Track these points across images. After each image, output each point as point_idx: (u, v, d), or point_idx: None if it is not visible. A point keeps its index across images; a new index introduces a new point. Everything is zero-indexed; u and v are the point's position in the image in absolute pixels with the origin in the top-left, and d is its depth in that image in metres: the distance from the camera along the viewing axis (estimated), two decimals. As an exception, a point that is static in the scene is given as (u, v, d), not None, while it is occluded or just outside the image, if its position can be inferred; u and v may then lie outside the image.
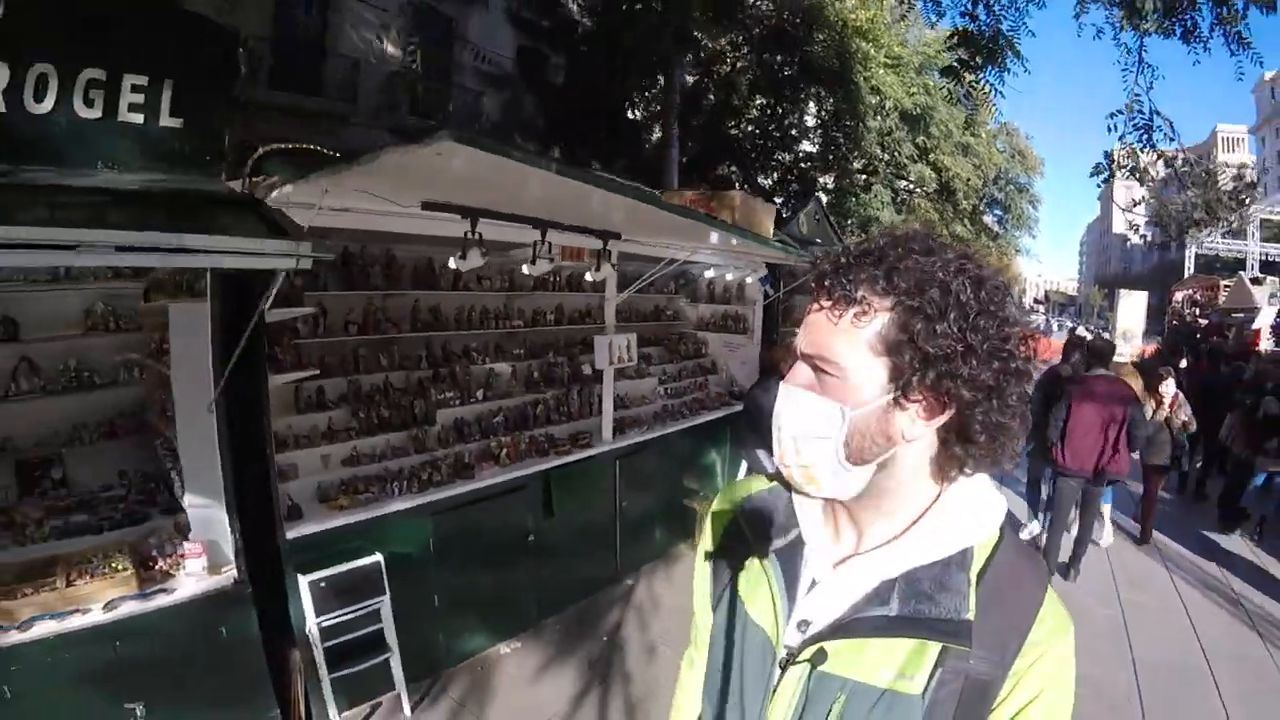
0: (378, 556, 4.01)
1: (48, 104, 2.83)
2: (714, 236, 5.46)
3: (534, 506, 5.18)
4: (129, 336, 4.65)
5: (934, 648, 0.96)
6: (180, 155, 3.17)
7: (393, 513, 4.30)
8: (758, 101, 16.40)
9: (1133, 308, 24.45)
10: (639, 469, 6.09)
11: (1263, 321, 16.72)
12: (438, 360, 5.51)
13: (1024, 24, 5.94)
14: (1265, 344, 15.10)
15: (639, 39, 12.67)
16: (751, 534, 1.14)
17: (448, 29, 16.99)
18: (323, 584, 3.78)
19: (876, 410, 0.95)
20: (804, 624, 1.05)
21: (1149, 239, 40.92)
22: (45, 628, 3.10)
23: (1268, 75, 57.26)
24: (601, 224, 4.94)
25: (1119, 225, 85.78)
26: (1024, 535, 7.28)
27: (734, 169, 16.56)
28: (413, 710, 4.15)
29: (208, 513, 3.58)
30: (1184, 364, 12.21)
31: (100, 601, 3.25)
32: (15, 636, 3.02)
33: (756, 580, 1.12)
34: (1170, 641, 5.22)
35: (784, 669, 1.04)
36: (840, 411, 0.95)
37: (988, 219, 25.42)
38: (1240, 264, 26.50)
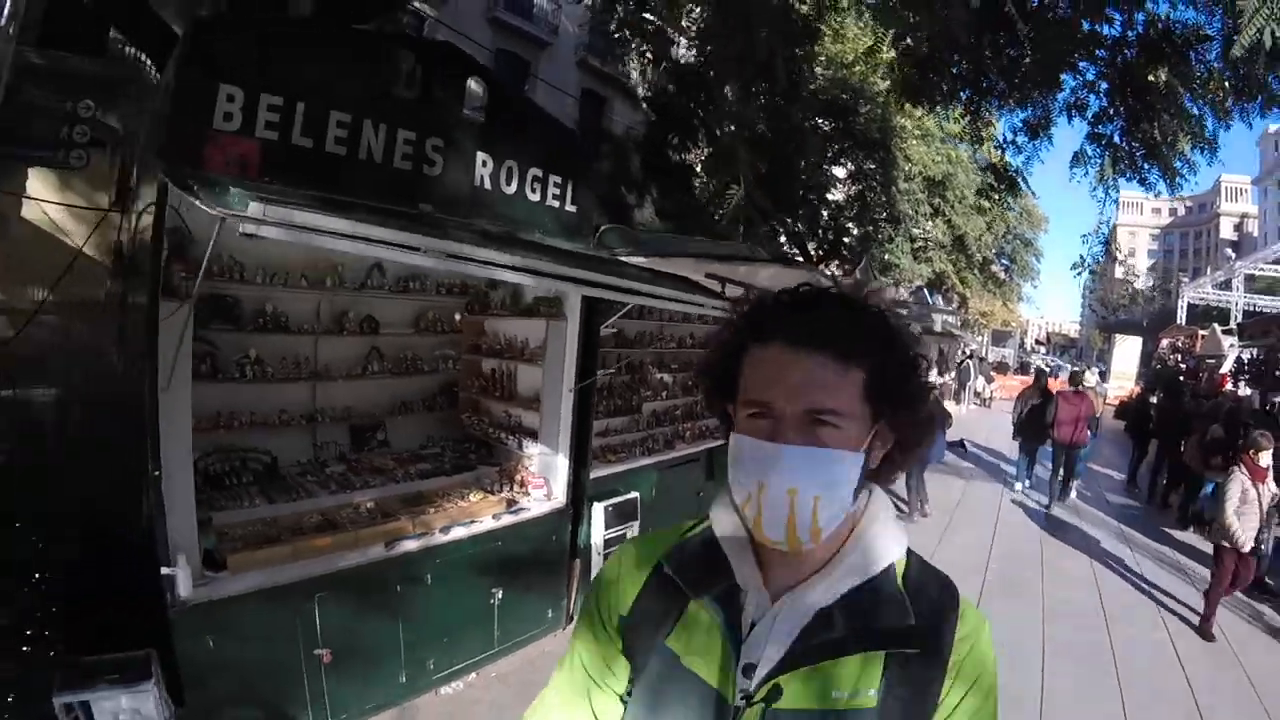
0: (635, 494, 5.55)
1: (513, 188, 4.37)
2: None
3: (701, 471, 6.74)
4: (445, 337, 5.63)
5: (880, 658, 0.97)
6: (575, 228, 4.72)
7: (638, 467, 5.86)
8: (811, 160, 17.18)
9: (1128, 352, 26.61)
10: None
11: (1226, 367, 18.46)
12: (634, 369, 6.78)
13: (1038, 158, 7.26)
14: (1229, 385, 16.50)
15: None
16: (687, 585, 1.05)
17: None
18: (609, 508, 5.28)
19: (866, 450, 0.97)
20: (749, 668, 0.99)
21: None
22: (458, 532, 4.32)
23: (1271, 128, 56.36)
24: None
25: (1118, 272, 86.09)
26: (1016, 490, 11.12)
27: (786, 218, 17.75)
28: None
29: (549, 458, 5.07)
30: (1154, 400, 14.23)
31: (488, 514, 4.57)
32: (438, 538, 4.20)
33: (694, 631, 1.03)
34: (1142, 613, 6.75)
35: (738, 715, 0.99)
36: (860, 458, 0.97)
37: (995, 269, 26.90)
38: (1226, 314, 27.45)
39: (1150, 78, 4.97)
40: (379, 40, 4.16)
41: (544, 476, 5.03)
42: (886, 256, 18.88)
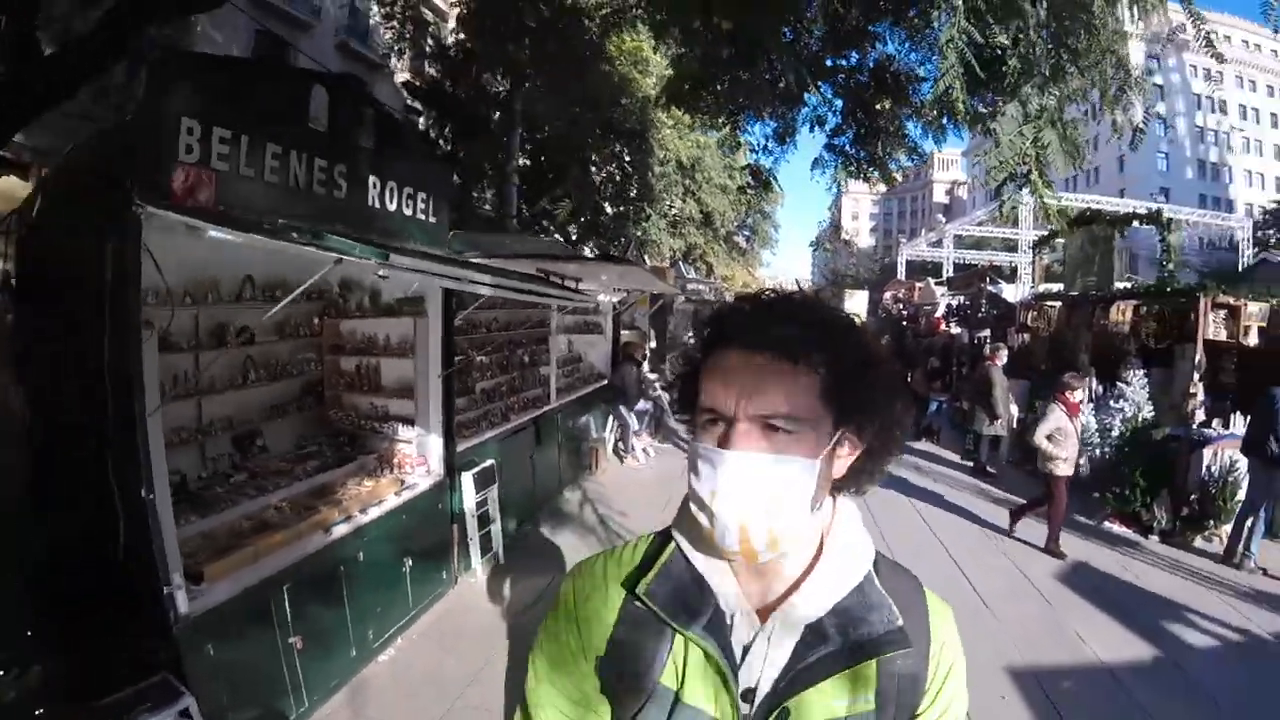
0: (491, 461, 5.94)
1: (393, 205, 4.56)
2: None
3: (531, 438, 7.24)
4: (305, 341, 5.53)
5: (874, 662, 0.94)
6: (436, 236, 4.96)
7: (484, 440, 6.22)
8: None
9: (856, 304, 28.26)
10: (564, 418, 8.32)
11: (940, 312, 21.09)
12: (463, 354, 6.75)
13: (785, 159, 8.57)
14: (944, 328, 18.61)
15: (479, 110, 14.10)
16: (674, 620, 0.94)
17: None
18: (475, 476, 5.62)
19: (826, 456, 0.92)
20: (748, 693, 0.93)
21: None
22: (372, 513, 4.55)
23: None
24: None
25: (848, 225, 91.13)
26: None
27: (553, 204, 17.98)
28: (503, 558, 6.03)
29: (425, 438, 5.31)
30: (884, 340, 16.77)
31: (389, 494, 4.82)
32: (359, 519, 4.41)
33: (688, 665, 0.95)
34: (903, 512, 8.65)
35: None
36: (814, 466, 0.90)
37: (738, 239, 29.09)
38: (939, 267, 29.58)
39: (877, 105, 6.33)
40: (298, 76, 4.12)
41: (423, 455, 5.29)
42: (641, 234, 19.83)
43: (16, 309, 3.98)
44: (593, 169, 17.41)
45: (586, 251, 14.93)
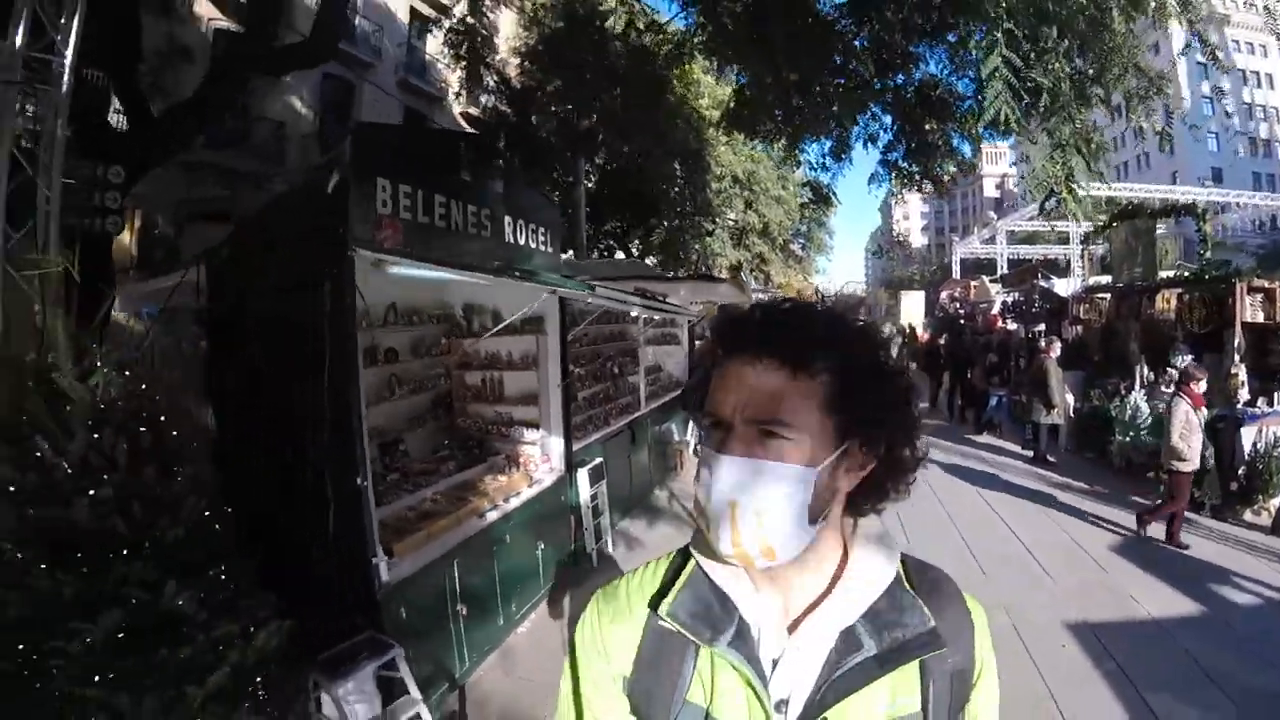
0: (600, 459, 6.48)
1: (523, 240, 5.16)
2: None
3: (627, 440, 7.76)
4: (435, 360, 6.14)
5: (914, 664, 0.91)
6: (554, 264, 5.55)
7: (591, 441, 6.76)
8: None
9: (913, 305, 28.74)
10: (651, 422, 8.78)
11: (995, 309, 20.89)
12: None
13: (841, 174, 9.03)
14: (1000, 324, 18.82)
15: (547, 140, 14.74)
16: (699, 637, 0.91)
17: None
18: (589, 472, 6.16)
19: (829, 467, 0.88)
20: (782, 704, 0.90)
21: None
22: (512, 503, 5.11)
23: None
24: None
25: (899, 227, 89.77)
26: None
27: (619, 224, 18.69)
28: (612, 547, 6.55)
29: (549, 439, 5.88)
30: (944, 339, 16.74)
31: (516, 491, 5.36)
32: (492, 515, 4.86)
33: (716, 680, 0.92)
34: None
35: None
36: (809, 473, 0.86)
37: (794, 247, 29.19)
38: (994, 264, 29.24)
39: (925, 125, 6.76)
40: (448, 136, 4.77)
41: (547, 453, 5.85)
42: (702, 248, 20.20)
43: (211, 339, 4.67)
44: (652, 187, 17.76)
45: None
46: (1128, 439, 9.22)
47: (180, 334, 4.83)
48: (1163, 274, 13.14)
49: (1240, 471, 7.47)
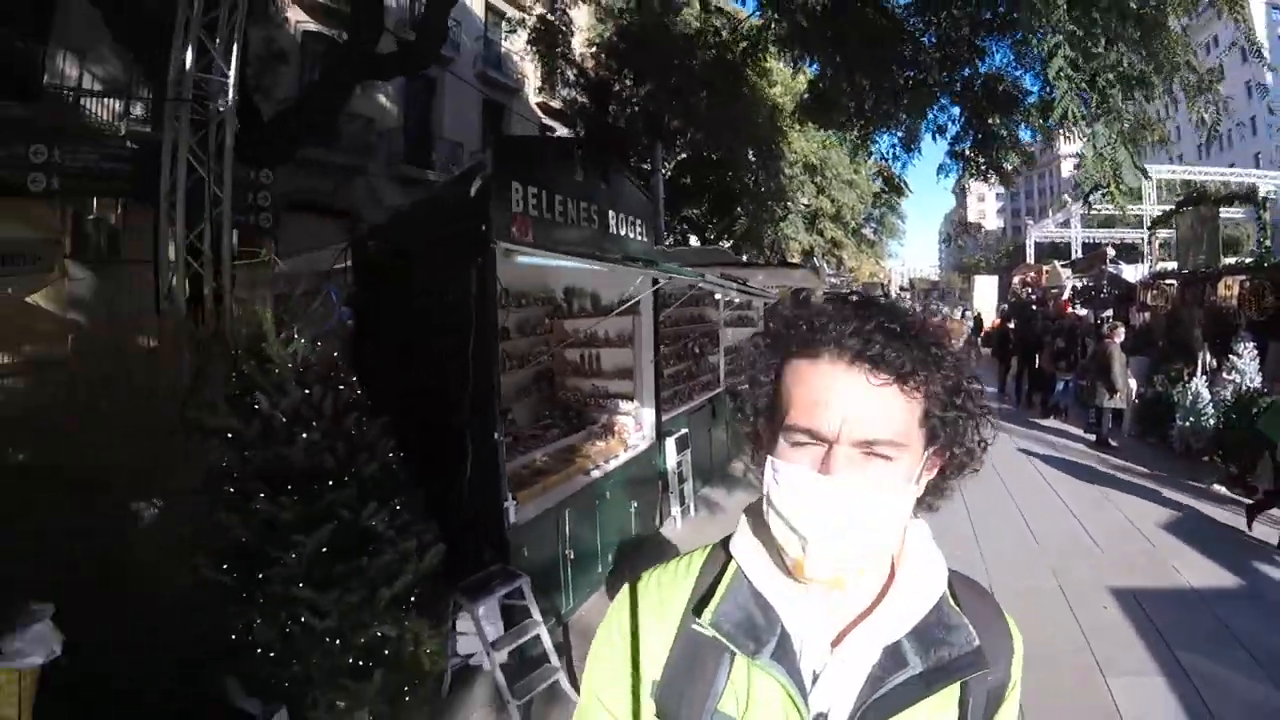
0: (685, 429, 6.95)
1: (623, 230, 5.65)
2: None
3: (708, 414, 8.21)
4: (538, 338, 6.53)
5: (957, 684, 0.86)
6: (648, 251, 6.01)
7: (677, 414, 7.24)
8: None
9: (985, 289, 28.10)
10: (725, 402, 9.21)
11: (1066, 294, 20.53)
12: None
13: (911, 164, 9.21)
14: (1070, 309, 18.25)
15: (626, 131, 14.98)
16: (741, 648, 0.85)
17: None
18: (676, 440, 6.64)
19: (916, 481, 0.84)
20: (821, 717, 0.84)
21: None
22: (611, 465, 5.65)
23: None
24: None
25: (973, 216, 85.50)
26: None
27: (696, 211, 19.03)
28: (694, 511, 7.05)
29: (641, 410, 6.38)
30: (1013, 324, 16.49)
31: (617, 452, 5.90)
32: (596, 473, 5.43)
33: (752, 692, 0.85)
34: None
35: None
36: (909, 492, 0.83)
37: (866, 231, 28.84)
38: (1068, 247, 28.51)
39: (989, 119, 6.93)
40: (561, 143, 5.28)
41: (639, 423, 6.36)
42: (775, 233, 20.32)
43: (358, 318, 5.29)
44: (729, 175, 17.96)
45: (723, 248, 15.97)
46: (1189, 424, 9.15)
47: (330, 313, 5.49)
48: (1226, 260, 12.80)
49: None
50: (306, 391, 3.04)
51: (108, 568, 3.23)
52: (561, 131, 21.25)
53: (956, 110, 7.30)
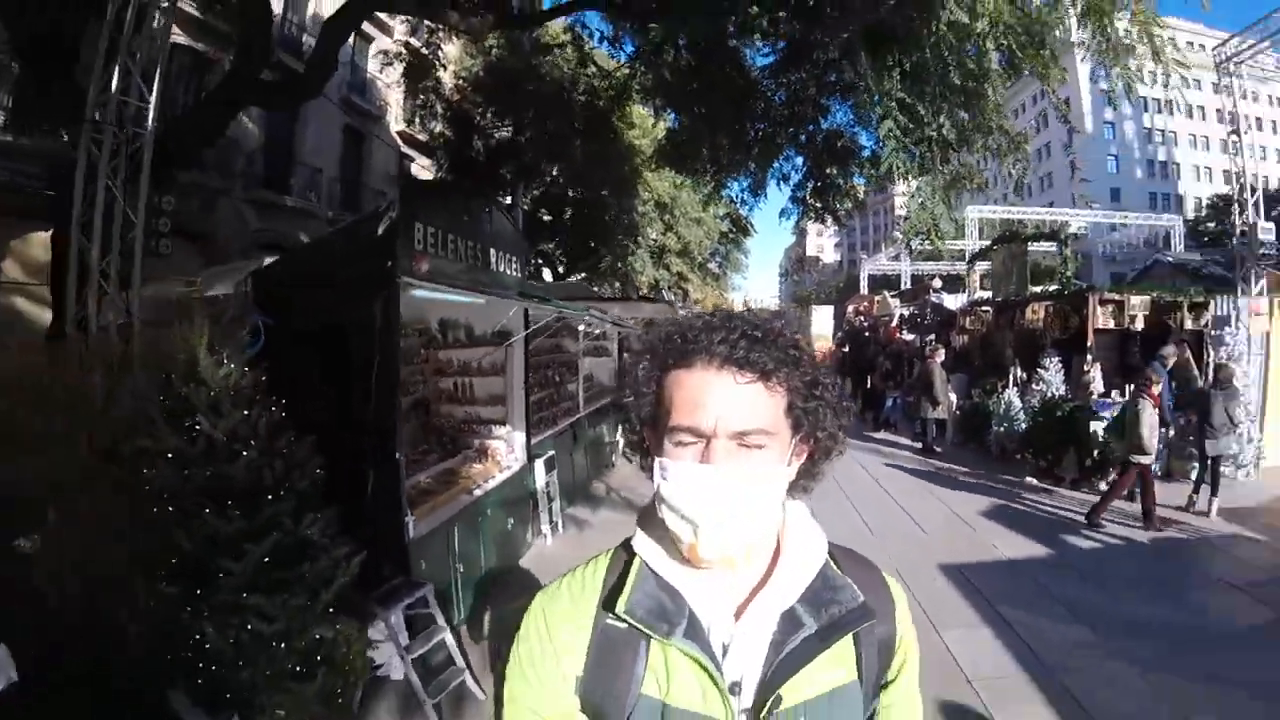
0: (552, 451, 7.49)
1: (503, 268, 6.15)
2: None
3: (569, 439, 8.79)
4: (414, 366, 6.49)
5: (850, 637, 0.97)
6: (522, 287, 6.54)
7: (543, 438, 7.74)
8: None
9: (823, 318, 30.12)
10: (589, 424, 9.87)
11: (894, 322, 22.01)
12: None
13: (758, 206, 10.29)
14: (898, 335, 19.90)
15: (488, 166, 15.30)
16: (656, 631, 0.92)
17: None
18: (544, 462, 7.16)
19: (786, 466, 0.96)
20: (736, 686, 0.93)
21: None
22: (489, 485, 6.03)
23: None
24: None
25: (812, 250, 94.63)
26: None
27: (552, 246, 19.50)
28: (563, 528, 7.55)
29: (514, 434, 6.84)
30: (847, 349, 18.40)
31: (493, 473, 6.31)
32: (478, 492, 5.84)
33: (671, 671, 0.93)
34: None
35: None
36: (784, 473, 0.95)
37: (711, 265, 30.47)
38: (899, 279, 31.38)
39: (828, 169, 8.13)
40: (452, 185, 5.70)
41: (511, 446, 6.82)
42: (625, 267, 21.24)
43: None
44: (585, 211, 18.72)
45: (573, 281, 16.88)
46: (1003, 429, 11.08)
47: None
48: (1034, 289, 15.37)
49: (1094, 452, 9.18)
50: (245, 413, 3.34)
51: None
52: (422, 162, 21.31)
53: (800, 160, 8.37)
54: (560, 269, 19.87)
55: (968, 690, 4.26)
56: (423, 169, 21.97)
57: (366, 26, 20.71)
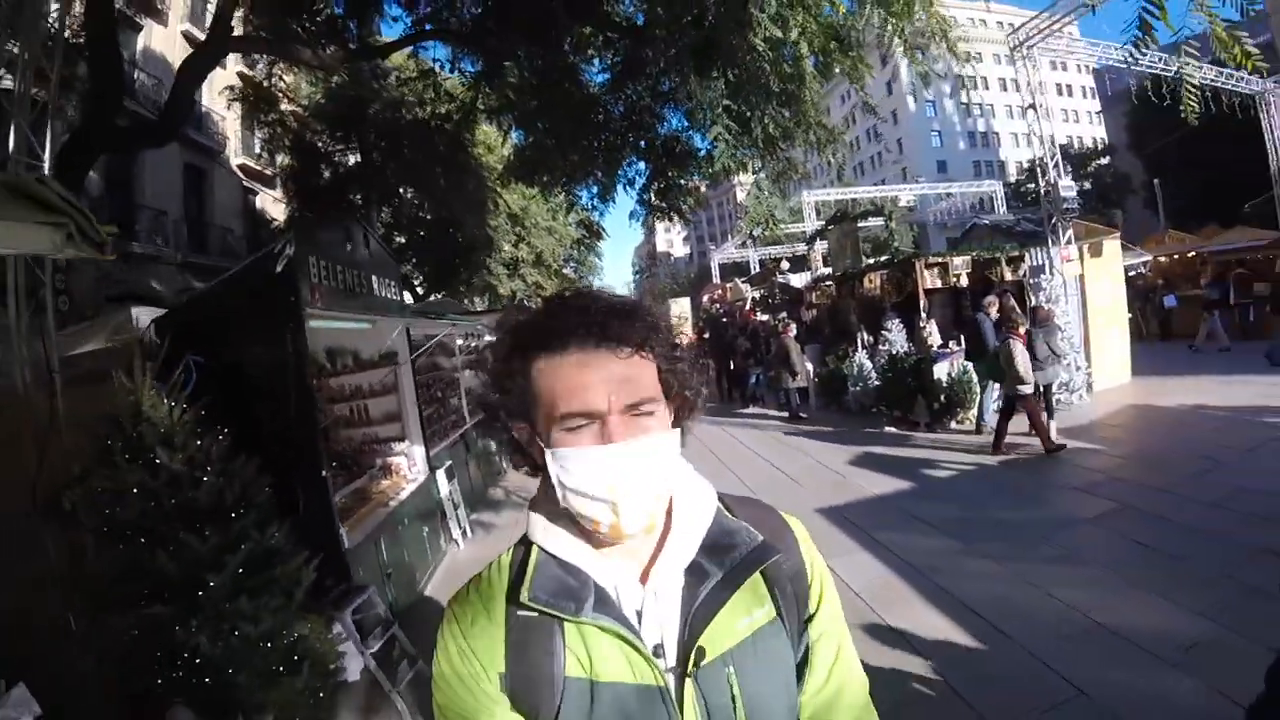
0: (450, 462, 7.96)
1: (383, 291, 6.58)
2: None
3: (462, 448, 9.24)
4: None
5: (758, 578, 1.00)
6: (400, 308, 6.97)
7: (439, 449, 8.18)
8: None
9: (681, 309, 30.22)
10: (476, 436, 10.23)
11: (748, 305, 23.70)
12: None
13: (608, 211, 10.97)
14: (753, 316, 21.02)
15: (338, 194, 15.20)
16: (566, 610, 0.94)
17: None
18: (443, 472, 7.62)
19: (673, 426, 0.99)
20: (658, 649, 0.96)
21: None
22: (402, 496, 6.45)
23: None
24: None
25: (662, 246, 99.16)
26: None
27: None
28: (471, 533, 8.07)
29: (415, 449, 7.25)
30: (707, 335, 19.51)
31: (402, 486, 6.73)
32: (393, 504, 6.30)
33: (589, 647, 0.95)
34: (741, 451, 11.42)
35: (680, 693, 0.94)
36: (676, 435, 1.00)
37: (567, 271, 31.53)
38: (748, 265, 33.63)
39: (669, 172, 8.99)
40: (336, 219, 6.05)
41: (413, 460, 7.24)
42: (479, 280, 21.64)
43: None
44: (445, 233, 18.98)
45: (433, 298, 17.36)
46: (859, 388, 12.56)
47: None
48: (868, 261, 17.28)
49: (942, 396, 10.62)
50: (199, 443, 3.74)
51: None
52: (265, 194, 20.51)
53: (643, 165, 9.12)
54: (420, 289, 19.96)
55: (859, 602, 5.04)
56: (270, 201, 21.48)
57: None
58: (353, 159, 15.57)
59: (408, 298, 20.05)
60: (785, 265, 25.30)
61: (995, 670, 4.09)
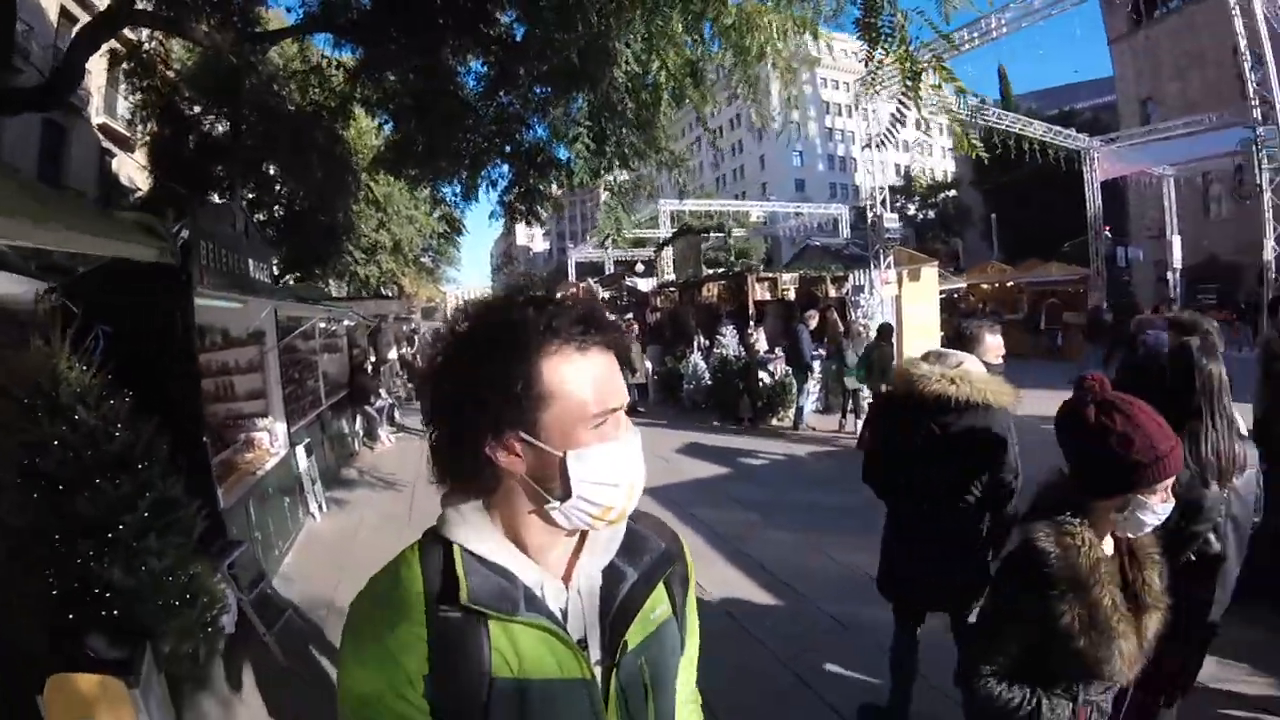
0: (308, 439, 8.54)
1: (258, 274, 7.12)
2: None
3: (319, 428, 9.74)
4: None
5: (661, 579, 1.13)
6: (275, 290, 7.52)
7: (300, 426, 8.71)
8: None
9: None
10: (331, 416, 10.77)
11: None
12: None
13: (469, 209, 11.66)
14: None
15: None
16: (498, 609, 0.97)
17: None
18: (302, 448, 8.20)
19: None
20: (583, 643, 1.03)
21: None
22: (267, 468, 6.96)
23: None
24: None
25: (522, 240, 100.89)
26: None
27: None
28: (326, 508, 8.69)
29: (277, 424, 7.76)
30: None
31: (265, 460, 7.24)
32: (263, 470, 6.87)
33: (517, 647, 0.98)
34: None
35: (606, 684, 1.03)
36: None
37: (425, 260, 31.55)
38: (604, 267, 35.68)
39: (529, 179, 9.80)
40: (226, 206, 6.52)
41: (274, 435, 7.78)
42: (339, 265, 21.50)
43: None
44: (309, 214, 18.76)
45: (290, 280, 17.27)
46: (692, 386, 14.09)
47: None
48: (708, 271, 18.99)
49: (766, 396, 12.29)
50: (110, 402, 4.38)
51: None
52: (123, 157, 19.38)
53: (506, 169, 9.84)
54: (276, 270, 19.57)
55: (672, 565, 6.39)
56: (128, 163, 20.38)
57: (74, 10, 18.96)
58: (221, 129, 15.28)
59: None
60: (640, 268, 26.82)
61: (779, 612, 5.38)
